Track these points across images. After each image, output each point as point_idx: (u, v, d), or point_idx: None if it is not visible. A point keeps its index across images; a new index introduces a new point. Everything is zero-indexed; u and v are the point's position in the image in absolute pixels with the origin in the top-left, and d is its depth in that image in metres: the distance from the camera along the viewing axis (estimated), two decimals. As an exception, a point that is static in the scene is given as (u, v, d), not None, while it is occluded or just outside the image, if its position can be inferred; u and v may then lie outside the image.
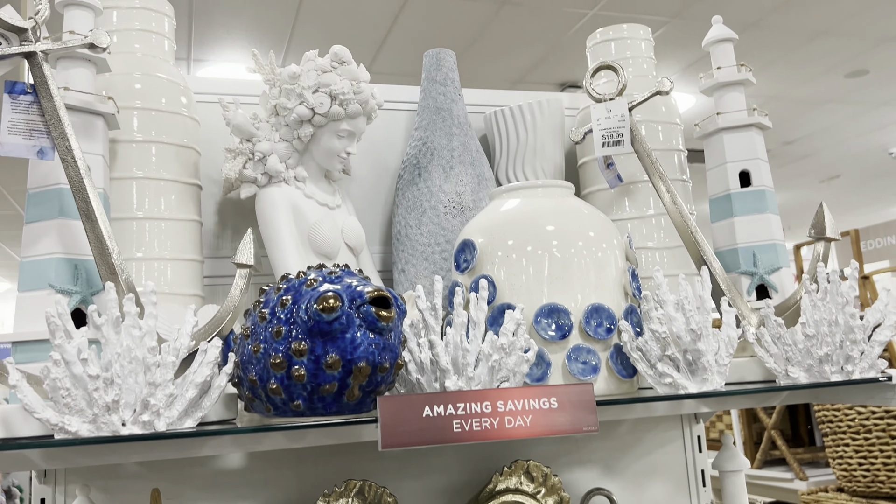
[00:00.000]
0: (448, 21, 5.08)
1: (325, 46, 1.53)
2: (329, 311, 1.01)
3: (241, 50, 5.21)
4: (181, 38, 4.94)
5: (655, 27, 5.39)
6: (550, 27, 5.32)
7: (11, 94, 1.13)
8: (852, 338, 1.24)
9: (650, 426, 1.78)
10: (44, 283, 1.16)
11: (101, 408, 0.96)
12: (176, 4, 4.55)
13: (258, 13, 4.78)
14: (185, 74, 1.57)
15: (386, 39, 5.25)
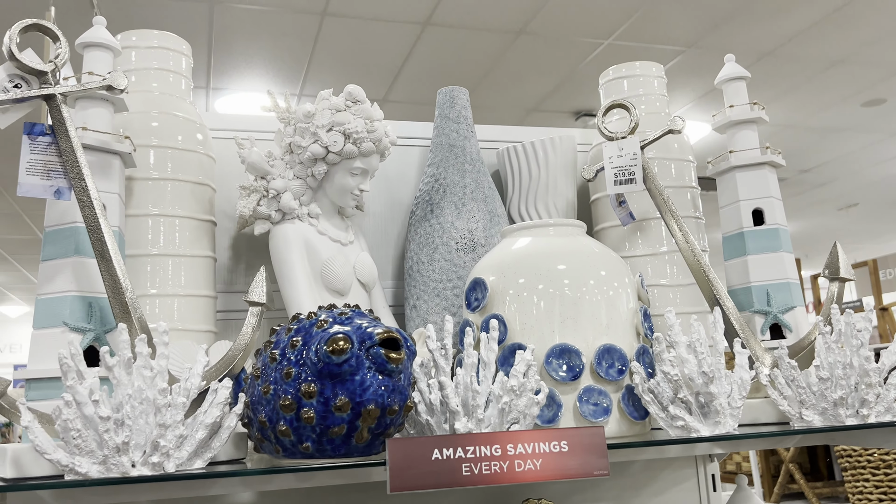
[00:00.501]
0: (464, 50, 5.12)
1: (342, 76, 1.55)
2: (339, 353, 1.01)
3: (259, 79, 5.27)
4: (200, 67, 5.01)
5: (670, 57, 5.42)
6: (565, 57, 5.35)
7: (31, 135, 1.15)
8: (867, 381, 1.23)
9: (664, 465, 1.77)
10: (58, 321, 1.18)
11: (112, 449, 0.97)
12: (195, 34, 4.59)
13: (276, 43, 4.84)
14: (202, 111, 1.59)
15: (402, 69, 5.29)
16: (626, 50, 5.25)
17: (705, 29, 5.09)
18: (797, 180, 8.60)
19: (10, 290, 11.48)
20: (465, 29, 4.88)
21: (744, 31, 5.09)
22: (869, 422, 1.23)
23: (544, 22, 4.86)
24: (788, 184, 8.62)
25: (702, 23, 5.03)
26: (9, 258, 9.41)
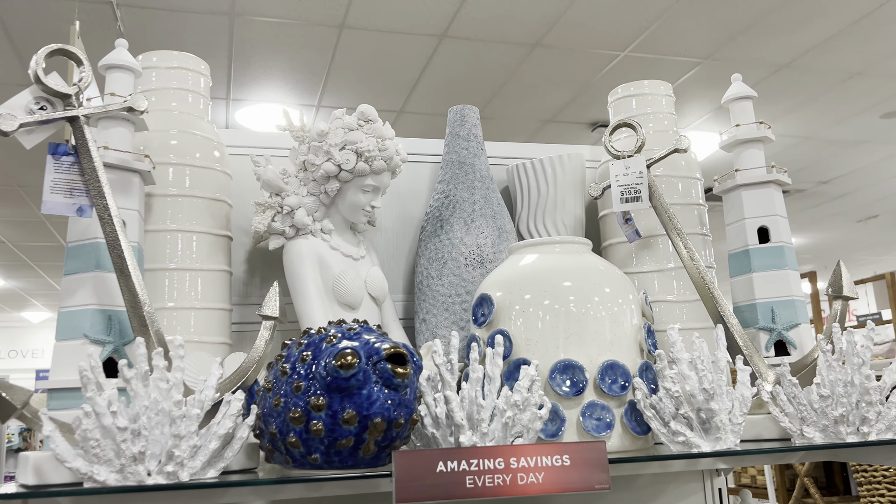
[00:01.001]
0: (480, 63, 5.16)
1: (359, 88, 1.59)
2: (347, 367, 1.05)
3: (278, 91, 5.34)
4: (220, 78, 5.08)
5: (686, 69, 5.43)
6: (581, 69, 5.38)
7: (55, 155, 1.19)
8: (868, 399, 1.25)
9: (670, 479, 1.78)
10: (79, 333, 1.22)
11: (129, 458, 1.01)
12: (216, 46, 4.66)
13: (295, 55, 4.90)
14: (220, 129, 1.64)
15: (419, 81, 5.34)
16: (641, 62, 5.27)
17: (721, 41, 5.10)
18: (816, 192, 8.55)
19: (32, 296, 11.64)
20: (481, 42, 4.92)
21: (760, 44, 5.10)
22: (869, 439, 1.25)
23: (560, 35, 4.89)
24: (807, 195, 8.58)
25: (718, 35, 5.03)
26: (31, 265, 9.55)
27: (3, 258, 9.18)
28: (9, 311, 12.48)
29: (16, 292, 11.16)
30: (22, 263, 9.45)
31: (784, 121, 6.42)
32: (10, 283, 10.54)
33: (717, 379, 1.24)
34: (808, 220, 9.59)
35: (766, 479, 4.43)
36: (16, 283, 10.63)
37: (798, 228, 9.90)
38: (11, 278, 10.32)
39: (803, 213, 9.32)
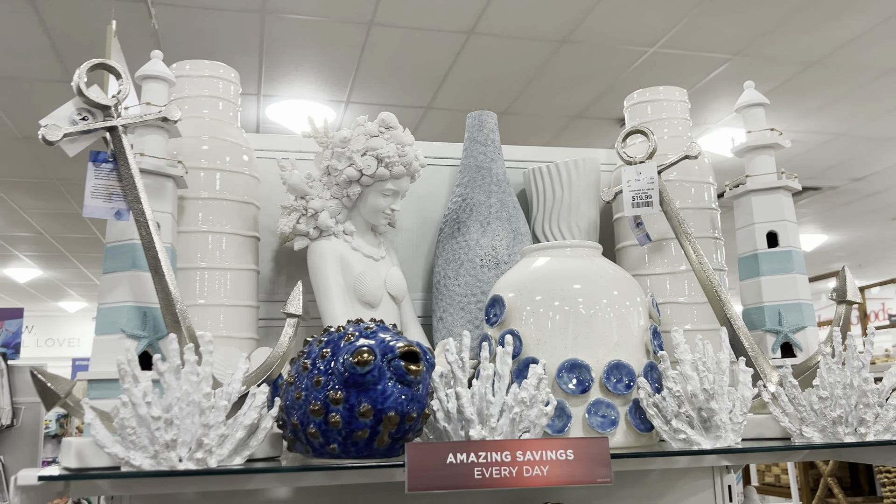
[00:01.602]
0: (507, 59, 5.20)
1: (388, 84, 1.66)
2: (363, 364, 1.12)
3: (308, 87, 5.43)
4: (252, 74, 5.19)
5: (716, 64, 5.42)
6: (609, 65, 5.39)
7: (95, 162, 1.28)
8: (865, 401, 1.29)
9: (680, 475, 1.84)
10: (117, 329, 1.31)
11: (162, 445, 1.09)
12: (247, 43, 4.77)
13: (324, 52, 4.99)
14: (249, 135, 1.71)
15: (447, 77, 5.40)
16: (671, 58, 5.27)
17: (752, 37, 5.09)
18: (849, 189, 8.47)
19: (68, 287, 11.92)
20: (508, 38, 4.96)
21: (791, 40, 5.07)
22: (867, 440, 1.30)
23: (588, 31, 4.92)
24: (840, 192, 8.50)
25: (748, 31, 5.02)
26: (68, 256, 9.78)
27: (41, 249, 9.43)
28: (46, 300, 12.80)
29: (53, 282, 11.44)
30: (59, 254, 9.69)
31: (816, 117, 6.38)
32: (48, 273, 10.81)
33: (718, 380, 1.29)
34: (841, 217, 9.49)
35: (790, 478, 4.44)
36: (53, 274, 10.90)
37: (831, 226, 9.81)
38: (49, 269, 10.59)
39: (836, 211, 9.23)
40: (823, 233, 9.98)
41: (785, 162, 7.29)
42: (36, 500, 1.13)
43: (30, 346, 12.63)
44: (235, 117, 1.66)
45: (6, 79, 4.90)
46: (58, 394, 1.16)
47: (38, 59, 4.72)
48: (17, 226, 8.31)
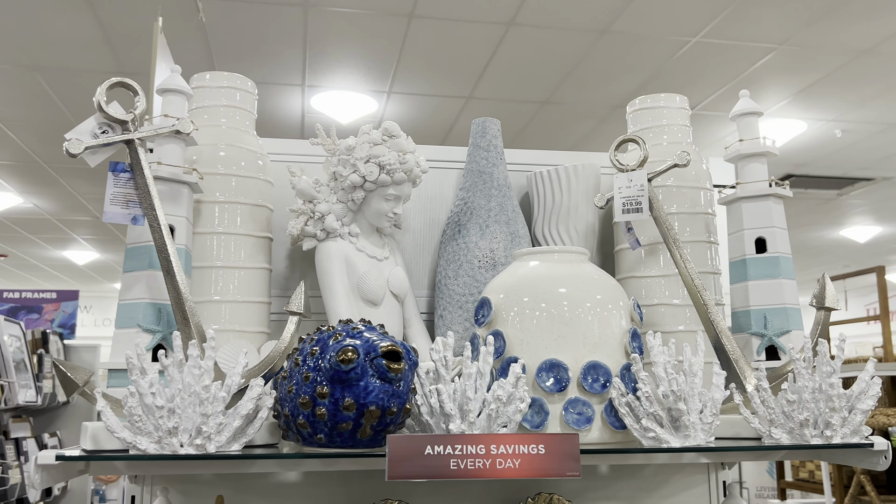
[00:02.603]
0: (547, 50, 5.23)
1: (429, 75, 1.74)
2: (347, 362, 1.23)
3: (350, 78, 5.55)
4: (296, 66, 5.34)
5: (761, 54, 5.36)
6: (651, 55, 5.38)
7: (114, 172, 1.41)
8: (831, 405, 1.35)
9: (676, 470, 1.90)
10: (133, 323, 1.44)
11: (164, 432, 1.22)
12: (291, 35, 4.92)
13: (366, 44, 5.10)
14: (265, 140, 1.83)
15: (487, 68, 5.46)
16: (714, 48, 5.24)
17: (798, 26, 5.02)
18: (902, 179, 8.27)
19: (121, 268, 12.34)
20: (548, 29, 5.00)
21: (839, 29, 4.99)
22: (832, 442, 1.35)
23: (629, 21, 4.92)
24: (893, 183, 8.30)
25: (794, 20, 4.96)
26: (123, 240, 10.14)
27: (98, 233, 9.82)
28: (103, 282, 13.29)
29: (109, 264, 11.89)
30: (114, 238, 10.09)
31: (868, 107, 6.25)
32: (105, 255, 11.25)
33: (689, 381, 1.36)
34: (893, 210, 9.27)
35: (823, 474, 4.43)
36: (109, 256, 11.34)
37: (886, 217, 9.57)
38: (106, 252, 11.03)
39: (890, 202, 9.00)
40: (878, 224, 9.75)
41: (836, 152, 7.16)
42: (56, 478, 1.26)
43: (87, 326, 13.12)
44: (252, 126, 1.77)
45: (63, 70, 5.14)
46: (76, 383, 1.29)
47: (93, 52, 4.94)
48: (76, 210, 8.67)
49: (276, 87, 5.68)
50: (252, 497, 1.71)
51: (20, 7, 4.41)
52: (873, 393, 1.36)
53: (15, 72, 5.22)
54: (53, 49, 4.92)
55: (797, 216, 9.35)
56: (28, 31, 4.70)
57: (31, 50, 4.93)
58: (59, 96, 5.61)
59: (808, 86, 5.86)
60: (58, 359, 1.29)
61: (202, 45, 5.00)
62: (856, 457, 1.43)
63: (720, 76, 5.68)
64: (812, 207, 9.05)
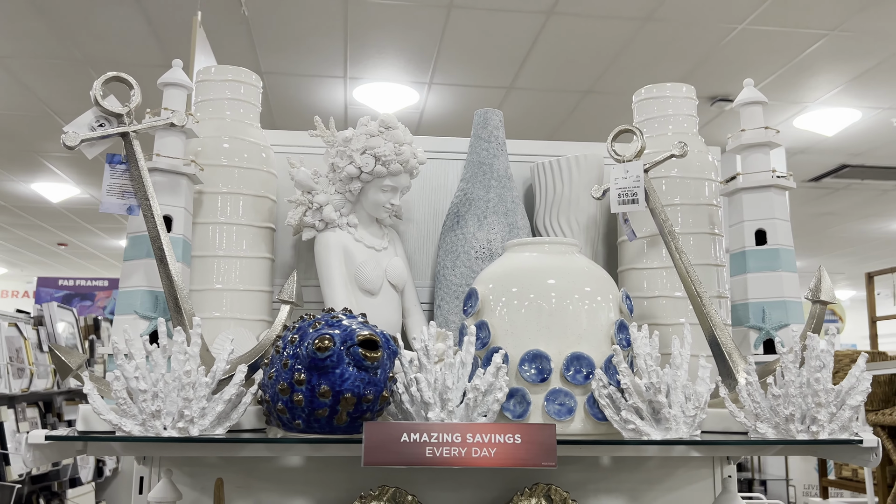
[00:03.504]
0: (589, 38, 5.18)
1: (469, 65, 1.74)
2: (323, 350, 1.26)
3: (391, 69, 5.59)
4: (338, 58, 5.40)
5: (812, 41, 5.22)
6: (697, 43, 5.28)
7: (111, 163, 1.46)
8: (817, 401, 1.32)
9: (680, 463, 1.88)
10: (131, 310, 1.50)
11: (148, 415, 1.27)
12: (332, 27, 4.99)
13: (406, 35, 5.13)
14: (269, 132, 1.86)
15: (528, 58, 5.43)
16: (762, 34, 5.12)
17: (850, 11, 4.87)
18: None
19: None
20: (589, 17, 4.95)
21: (894, 13, 4.82)
22: (819, 438, 1.33)
23: (672, 8, 4.83)
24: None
25: (846, 5, 4.81)
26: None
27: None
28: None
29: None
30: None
31: (927, 97, 6.03)
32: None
33: (672, 374, 1.35)
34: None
35: (865, 473, 4.31)
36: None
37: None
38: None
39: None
40: (942, 215, 9.38)
41: (893, 142, 6.92)
42: (50, 457, 1.32)
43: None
44: (256, 118, 1.81)
45: (114, 64, 5.29)
46: (70, 366, 1.35)
47: (141, 46, 5.08)
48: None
49: (319, 79, 5.75)
50: (256, 480, 1.76)
51: (72, 2, 4.56)
52: (863, 388, 1.33)
53: (69, 66, 5.40)
54: (104, 44, 5.08)
55: (853, 208, 9.06)
56: (80, 27, 4.86)
57: (84, 45, 5.10)
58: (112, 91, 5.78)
59: (861, 73, 5.67)
60: (53, 343, 1.34)
61: (246, 38, 5.10)
62: (845, 453, 1.39)
63: (769, 64, 5.54)
64: (869, 199, 8.76)
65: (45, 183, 8.17)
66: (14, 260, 12.70)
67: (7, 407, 4.40)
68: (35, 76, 5.56)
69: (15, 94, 5.85)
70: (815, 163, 7.64)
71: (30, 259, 12.61)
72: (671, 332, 1.64)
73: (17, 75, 5.54)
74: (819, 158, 7.51)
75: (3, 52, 5.19)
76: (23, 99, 5.94)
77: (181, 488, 1.66)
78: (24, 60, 5.34)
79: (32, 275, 11.48)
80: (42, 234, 10.76)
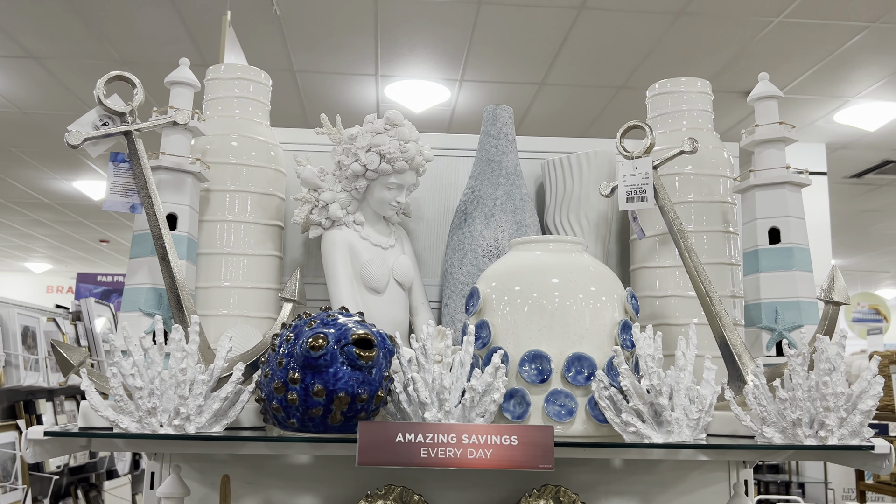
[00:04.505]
0: (621, 33, 5.11)
1: (500, 61, 1.73)
2: (316, 349, 1.25)
3: (422, 66, 5.58)
4: (369, 55, 5.40)
5: (852, 33, 5.09)
6: (731, 36, 5.18)
7: (115, 162, 1.47)
8: (826, 405, 1.27)
9: (694, 466, 1.84)
10: (135, 307, 1.51)
11: (144, 412, 1.27)
12: (363, 24, 5.00)
13: (437, 32, 5.11)
14: (279, 130, 1.87)
15: (559, 53, 5.38)
16: (800, 27, 5.00)
17: (892, 2, 4.73)
18: None
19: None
20: (621, 12, 4.89)
21: (937, 5, 4.67)
22: (827, 443, 1.28)
23: (706, 1, 4.75)
24: None
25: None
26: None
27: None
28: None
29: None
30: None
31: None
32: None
33: (675, 376, 1.32)
34: None
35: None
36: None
37: None
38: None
39: None
40: None
41: (940, 137, 6.72)
42: (53, 452, 1.34)
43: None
44: (265, 117, 1.81)
45: (149, 64, 5.38)
46: (71, 363, 1.36)
47: (176, 46, 5.15)
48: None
49: (350, 77, 5.77)
50: (264, 477, 1.76)
51: (109, 3, 4.64)
52: (874, 393, 1.28)
53: (107, 66, 5.49)
54: (139, 44, 5.16)
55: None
56: (116, 28, 4.94)
57: (120, 45, 5.18)
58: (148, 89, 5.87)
59: (905, 65, 5.51)
60: (55, 340, 1.36)
61: (278, 37, 5.13)
62: (857, 459, 1.35)
63: (807, 57, 5.41)
64: None
65: (87, 181, 8.34)
66: (58, 256, 13.00)
67: (45, 400, 4.50)
68: (74, 76, 5.67)
69: (55, 93, 5.97)
70: (857, 158, 7.45)
71: (73, 255, 12.89)
72: (683, 332, 1.61)
73: (56, 75, 5.66)
74: (861, 154, 7.32)
75: (43, 52, 5.31)
76: (62, 98, 6.07)
77: (190, 484, 1.68)
78: (64, 61, 5.45)
79: (75, 271, 11.74)
80: (84, 230, 10.99)
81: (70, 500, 4.77)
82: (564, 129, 6.73)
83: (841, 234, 10.40)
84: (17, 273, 14.46)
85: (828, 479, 5.91)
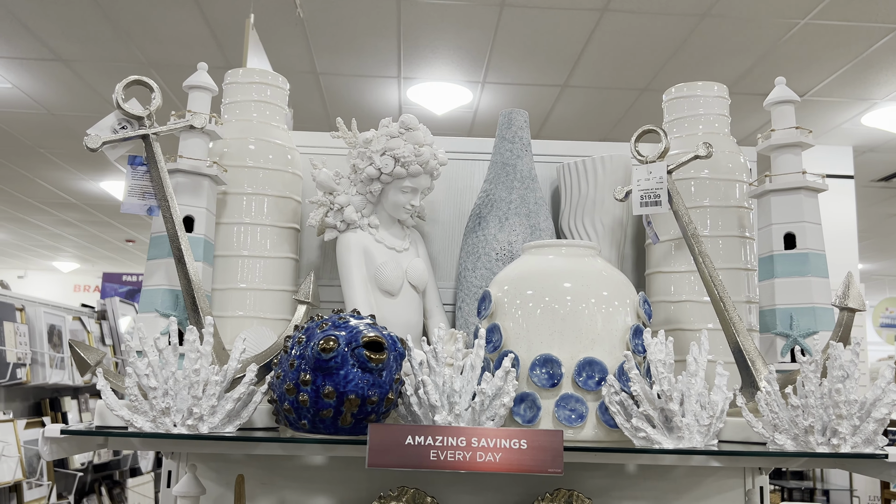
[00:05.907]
0: (644, 35, 5.09)
1: (522, 64, 1.74)
2: (327, 351, 1.26)
3: (445, 69, 5.59)
4: (391, 58, 5.43)
5: (879, 35, 5.03)
6: (756, 38, 5.14)
7: (133, 165, 1.50)
8: (839, 413, 1.26)
9: (708, 472, 1.83)
10: (152, 308, 1.53)
11: (158, 411, 1.29)
12: (385, 27, 5.04)
13: (459, 34, 5.12)
14: (297, 133, 1.88)
15: (582, 55, 5.36)
16: (826, 29, 4.95)
17: (920, 4, 4.67)
18: None
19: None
20: (644, 14, 4.86)
21: (964, 7, 4.60)
22: (840, 451, 1.27)
23: (730, 3, 4.72)
24: None
25: (917, -3, 4.61)
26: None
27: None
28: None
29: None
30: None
31: None
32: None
33: (687, 381, 1.31)
34: None
35: (931, 483, 4.12)
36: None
37: None
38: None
39: None
40: None
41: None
42: (69, 450, 1.37)
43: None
44: (282, 120, 1.83)
45: (174, 66, 5.44)
46: (89, 363, 1.39)
47: (202, 48, 5.20)
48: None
49: (373, 79, 5.80)
50: (278, 478, 1.78)
51: (135, 6, 4.70)
52: (888, 401, 1.27)
53: (133, 69, 5.56)
54: (165, 46, 5.22)
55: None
56: (143, 30, 5.00)
57: (146, 48, 5.25)
58: (174, 91, 5.94)
59: (934, 68, 5.43)
60: (73, 340, 1.39)
61: (302, 40, 5.16)
62: (870, 468, 1.33)
63: (834, 59, 5.35)
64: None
65: (113, 181, 8.45)
66: (85, 255, 13.18)
67: (71, 398, 4.57)
68: (101, 78, 5.75)
69: (82, 95, 6.06)
70: (885, 161, 7.35)
71: (99, 255, 13.06)
72: (697, 337, 1.60)
73: (83, 77, 5.74)
74: (889, 157, 7.22)
75: (70, 55, 5.39)
76: (89, 100, 6.15)
77: (206, 483, 1.70)
78: (91, 63, 5.53)
79: (101, 270, 11.90)
80: (111, 230, 11.14)
81: (94, 496, 4.84)
82: (587, 131, 6.71)
83: (868, 238, 10.27)
84: (45, 272, 14.68)
85: (853, 486, 5.83)
